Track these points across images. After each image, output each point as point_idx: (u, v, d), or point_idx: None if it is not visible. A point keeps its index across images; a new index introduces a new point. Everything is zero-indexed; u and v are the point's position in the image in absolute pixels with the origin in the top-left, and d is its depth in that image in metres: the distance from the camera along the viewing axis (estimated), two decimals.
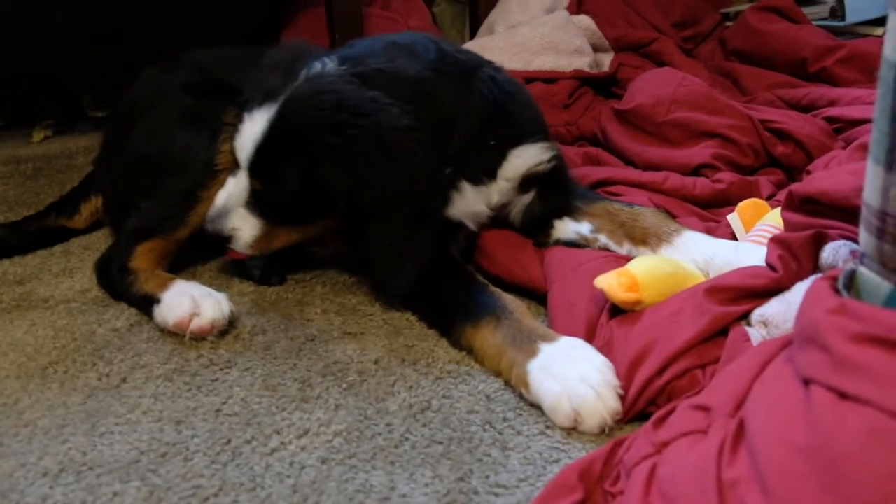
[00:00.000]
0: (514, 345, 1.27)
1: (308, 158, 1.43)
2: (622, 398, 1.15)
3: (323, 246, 1.68)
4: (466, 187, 1.55)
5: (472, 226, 1.61)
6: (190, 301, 1.45)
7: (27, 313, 1.59)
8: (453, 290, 1.45)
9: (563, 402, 1.15)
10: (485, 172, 1.58)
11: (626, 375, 1.16)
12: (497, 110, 1.58)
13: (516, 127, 1.61)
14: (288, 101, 1.46)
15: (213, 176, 1.63)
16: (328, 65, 1.49)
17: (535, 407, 1.21)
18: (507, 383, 1.28)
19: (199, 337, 1.44)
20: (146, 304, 1.52)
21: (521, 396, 1.24)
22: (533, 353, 1.23)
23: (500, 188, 1.60)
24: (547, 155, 1.62)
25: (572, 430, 1.16)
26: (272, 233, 1.56)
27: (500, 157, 1.59)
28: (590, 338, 1.26)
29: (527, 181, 1.62)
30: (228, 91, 1.73)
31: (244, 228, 1.55)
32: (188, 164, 1.63)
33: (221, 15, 2.96)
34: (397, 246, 1.46)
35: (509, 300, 1.37)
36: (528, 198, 1.63)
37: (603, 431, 1.14)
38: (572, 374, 1.16)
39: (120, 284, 1.59)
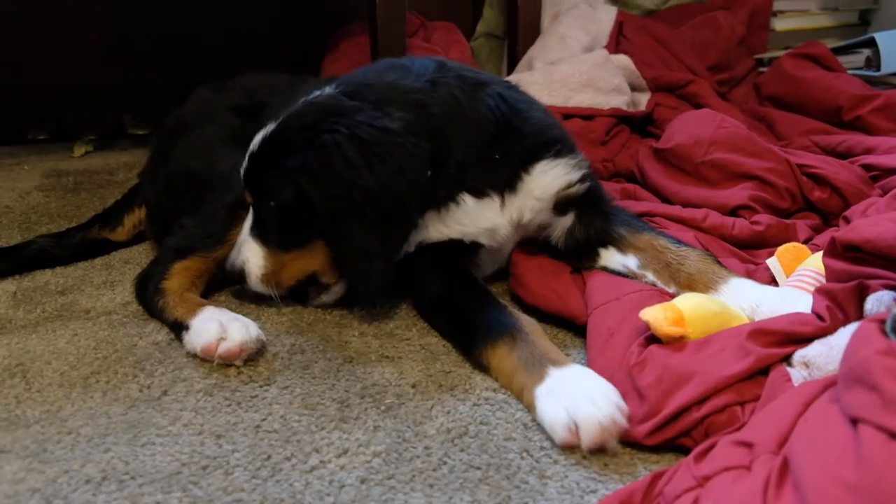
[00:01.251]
0: (526, 368, 1.31)
1: (290, 162, 1.48)
2: (647, 420, 1.17)
3: (319, 285, 1.66)
4: (467, 200, 1.57)
5: (491, 243, 1.63)
6: (217, 326, 1.45)
7: (69, 323, 1.61)
8: (472, 308, 1.49)
9: (561, 415, 1.19)
10: (492, 186, 1.59)
11: (657, 400, 1.17)
12: (504, 124, 1.60)
13: (526, 141, 1.61)
14: (281, 119, 1.54)
15: None
16: (325, 89, 1.57)
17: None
18: (475, 370, 1.40)
19: (228, 362, 1.44)
20: (177, 329, 1.53)
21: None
22: (541, 377, 1.27)
23: (530, 206, 1.61)
24: (576, 174, 1.63)
25: (608, 463, 1.17)
26: (278, 264, 1.58)
27: (512, 172, 1.60)
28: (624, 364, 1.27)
29: (562, 203, 1.63)
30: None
31: (252, 260, 1.58)
32: (233, 182, 1.66)
33: (261, 39, 3.01)
34: (367, 243, 1.48)
35: (526, 321, 1.41)
36: (567, 220, 1.64)
37: (603, 448, 1.17)
38: (576, 394, 1.20)
39: (153, 305, 1.60)
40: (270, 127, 1.54)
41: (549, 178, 1.61)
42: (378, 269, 1.50)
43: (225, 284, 1.76)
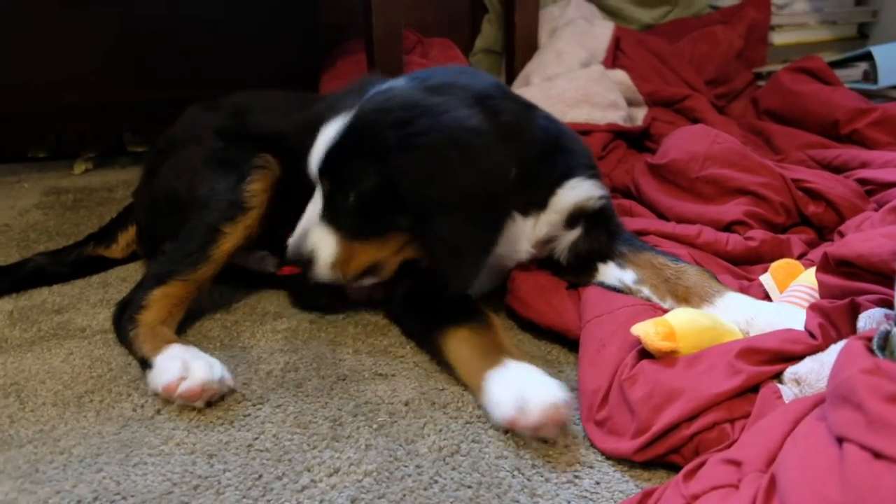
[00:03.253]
0: (484, 355, 1.36)
1: (378, 155, 1.43)
2: (638, 436, 1.18)
3: (361, 287, 1.67)
4: (517, 216, 1.57)
5: (509, 263, 1.65)
6: (180, 364, 1.39)
7: (65, 342, 1.62)
8: (440, 300, 1.50)
9: (508, 394, 1.24)
10: (534, 204, 1.60)
11: (648, 416, 1.18)
12: (554, 142, 1.62)
13: (569, 161, 1.63)
14: (359, 107, 1.49)
15: (240, 212, 1.65)
16: (398, 82, 1.55)
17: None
18: (467, 385, 1.39)
19: (189, 403, 1.36)
20: (143, 367, 1.47)
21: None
22: (497, 364, 1.32)
23: (549, 220, 1.61)
24: (598, 192, 1.65)
25: (600, 481, 1.17)
26: (348, 253, 1.52)
27: (550, 190, 1.61)
28: (615, 377, 1.28)
29: (575, 216, 1.63)
30: (260, 137, 1.79)
31: (323, 247, 1.52)
32: (212, 201, 1.65)
33: (259, 57, 3.02)
34: (462, 240, 1.43)
35: (492, 317, 1.46)
36: (574, 234, 1.64)
37: (547, 440, 1.23)
38: (527, 381, 1.26)
39: (125, 335, 1.55)
40: (348, 118, 1.49)
41: (574, 193, 1.62)
42: (469, 268, 1.45)
43: (211, 310, 1.75)
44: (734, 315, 1.37)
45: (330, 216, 1.53)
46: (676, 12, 3.32)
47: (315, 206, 1.55)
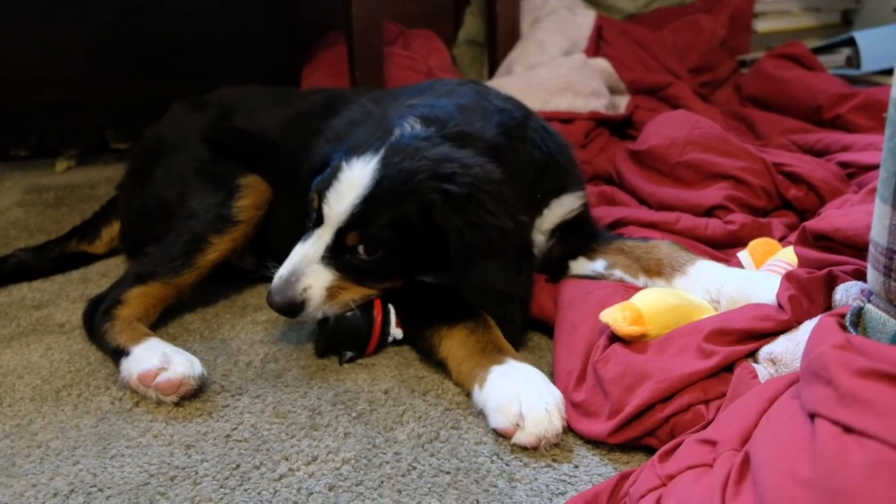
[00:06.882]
0: (484, 353, 1.34)
1: (420, 209, 1.39)
2: (612, 417, 1.18)
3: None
4: None
5: None
6: (161, 356, 1.37)
7: (43, 337, 1.61)
8: (434, 298, 1.49)
9: (513, 403, 1.21)
10: None
11: (620, 396, 1.18)
12: (549, 161, 1.61)
13: (563, 178, 1.63)
14: (390, 153, 1.42)
15: (229, 225, 1.65)
16: (416, 126, 1.48)
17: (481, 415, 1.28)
18: (461, 385, 1.36)
19: (162, 396, 1.35)
20: (116, 356, 1.45)
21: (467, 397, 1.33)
22: (500, 361, 1.31)
23: (535, 240, 1.59)
24: (579, 203, 1.65)
25: (579, 465, 1.16)
26: (338, 291, 1.45)
27: (539, 211, 1.60)
28: (588, 359, 1.28)
29: (555, 229, 1.64)
30: (244, 139, 1.80)
31: (315, 285, 1.43)
32: (200, 212, 1.66)
33: (241, 51, 3.02)
34: (510, 283, 1.44)
35: (487, 317, 1.43)
36: (550, 243, 1.64)
37: (536, 447, 1.19)
38: (529, 387, 1.24)
39: (98, 329, 1.53)
40: (371, 163, 1.41)
41: (560, 210, 1.63)
42: (517, 307, 1.46)
43: (191, 304, 1.73)
44: (705, 283, 1.37)
45: (334, 260, 1.44)
46: (660, 1, 3.31)
47: (312, 247, 1.45)
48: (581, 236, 1.64)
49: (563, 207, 1.63)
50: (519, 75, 2.61)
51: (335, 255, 1.44)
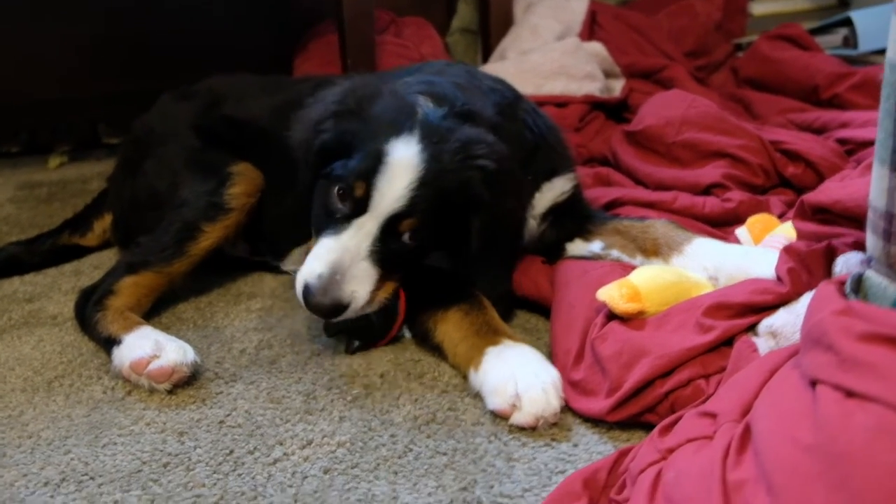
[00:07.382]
0: (479, 334, 1.33)
1: (460, 183, 1.34)
2: (610, 395, 1.16)
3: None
4: None
5: None
6: (153, 343, 1.36)
7: (35, 330, 1.59)
8: (428, 281, 1.47)
9: (508, 384, 1.20)
10: None
11: (618, 373, 1.16)
12: (540, 142, 1.59)
13: (554, 160, 1.61)
14: (426, 133, 1.34)
15: (221, 212, 1.63)
16: (429, 104, 1.41)
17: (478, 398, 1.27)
18: (457, 368, 1.35)
19: (154, 384, 1.33)
20: (108, 345, 1.43)
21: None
22: (496, 342, 1.30)
23: (528, 227, 1.57)
24: (570, 186, 1.63)
25: (578, 443, 1.15)
26: (379, 287, 1.36)
27: (532, 193, 1.58)
28: (585, 337, 1.26)
29: (547, 213, 1.62)
30: (234, 126, 1.78)
31: (360, 288, 1.33)
32: (192, 200, 1.64)
33: (233, 43, 3.00)
34: (502, 265, 1.46)
35: (482, 298, 1.41)
36: (542, 227, 1.62)
37: (534, 427, 1.18)
38: (525, 367, 1.23)
39: (89, 318, 1.51)
40: (419, 151, 1.32)
41: (551, 195, 1.61)
42: (508, 280, 1.50)
43: (184, 292, 1.71)
44: (703, 261, 1.35)
45: (378, 253, 1.34)
46: None
47: (353, 239, 1.33)
48: (575, 218, 1.62)
49: (553, 191, 1.61)
50: (512, 60, 2.59)
51: (381, 247, 1.33)
